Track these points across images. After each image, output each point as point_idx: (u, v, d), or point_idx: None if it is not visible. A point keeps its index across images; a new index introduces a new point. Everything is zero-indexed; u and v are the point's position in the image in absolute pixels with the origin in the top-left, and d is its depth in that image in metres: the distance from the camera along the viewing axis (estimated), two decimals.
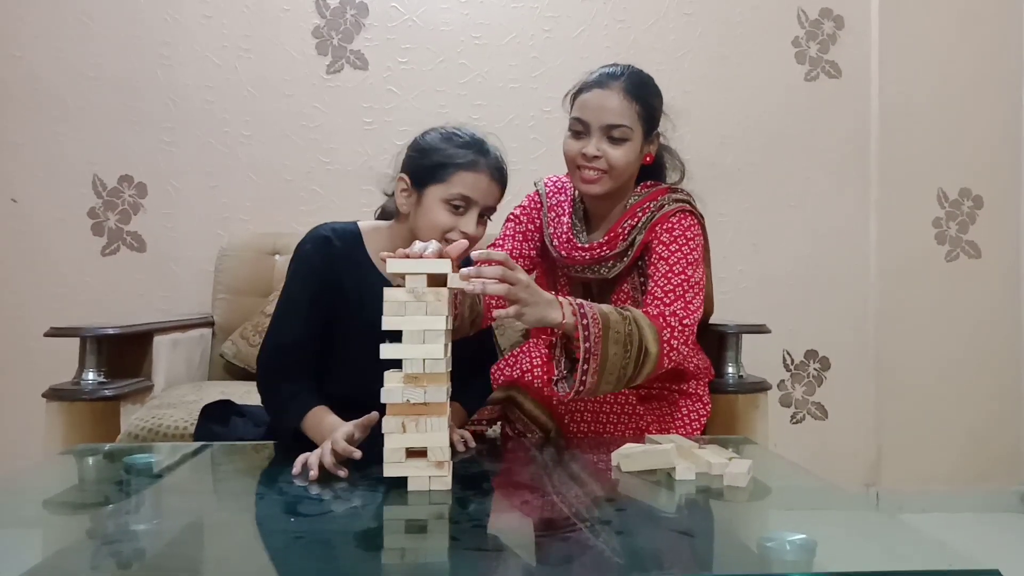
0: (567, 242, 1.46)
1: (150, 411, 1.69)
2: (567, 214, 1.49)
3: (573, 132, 1.40)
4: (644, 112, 1.38)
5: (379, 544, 0.86)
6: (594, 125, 1.36)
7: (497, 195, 1.30)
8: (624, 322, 1.23)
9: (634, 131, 1.37)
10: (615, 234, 1.42)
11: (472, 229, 1.26)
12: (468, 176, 1.26)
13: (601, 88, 1.37)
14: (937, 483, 2.62)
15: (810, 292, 2.61)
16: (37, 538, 0.90)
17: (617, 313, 1.24)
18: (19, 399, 2.31)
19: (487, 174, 1.27)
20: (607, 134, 1.36)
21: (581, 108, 1.38)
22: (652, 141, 1.44)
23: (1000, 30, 2.63)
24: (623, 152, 1.36)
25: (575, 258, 1.45)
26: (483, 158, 1.28)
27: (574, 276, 1.51)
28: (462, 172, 1.26)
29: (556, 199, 1.52)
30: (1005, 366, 2.65)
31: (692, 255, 1.39)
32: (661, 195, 1.44)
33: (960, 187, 2.64)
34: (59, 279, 2.41)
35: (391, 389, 0.97)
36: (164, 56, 2.42)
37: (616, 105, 1.36)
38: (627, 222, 1.42)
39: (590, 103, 1.37)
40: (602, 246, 1.43)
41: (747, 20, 2.57)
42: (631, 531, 0.87)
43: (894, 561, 0.80)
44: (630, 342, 1.22)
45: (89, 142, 2.41)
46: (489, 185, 1.28)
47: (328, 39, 2.47)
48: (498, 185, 1.30)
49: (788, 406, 2.63)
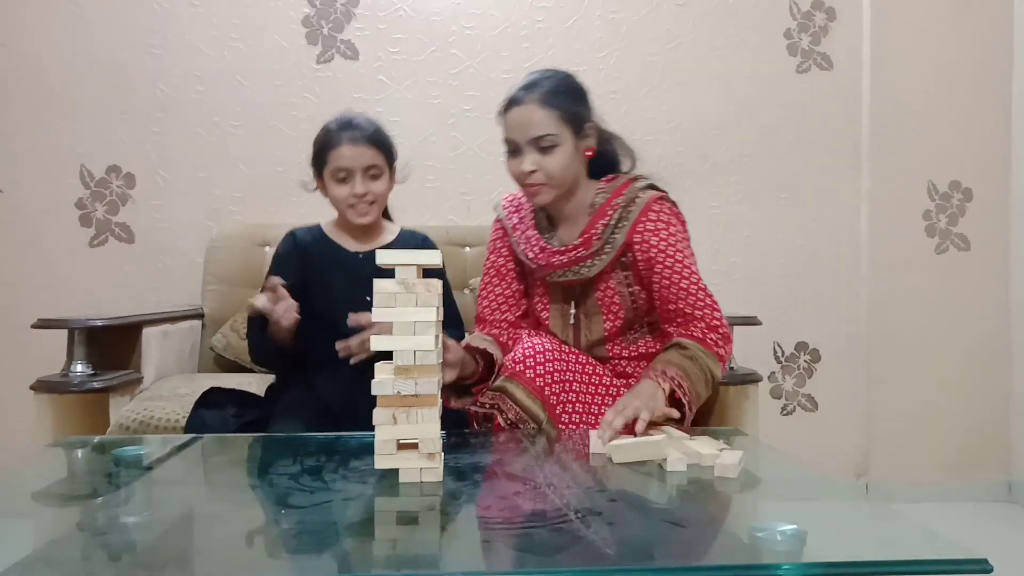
0: (541, 251, 1.49)
1: (141, 403, 1.68)
2: (531, 227, 1.53)
3: (509, 152, 1.43)
4: (566, 114, 1.39)
5: (370, 535, 0.86)
6: (522, 142, 1.39)
7: (368, 154, 1.53)
8: (694, 364, 1.36)
9: (561, 135, 1.38)
10: (589, 235, 1.44)
11: (360, 189, 1.53)
12: (335, 152, 1.53)
13: (519, 104, 1.39)
14: (926, 474, 2.64)
15: (801, 284, 2.62)
16: (26, 530, 0.90)
17: (689, 360, 1.36)
18: (7, 391, 2.30)
19: (348, 143, 1.53)
20: (536, 146, 1.38)
21: (508, 127, 1.42)
22: (586, 135, 1.44)
23: (991, 23, 2.63)
24: (558, 159, 1.38)
25: (553, 264, 1.47)
26: (342, 132, 1.53)
27: (555, 281, 1.51)
28: (331, 151, 1.54)
29: (517, 218, 1.56)
30: (994, 358, 2.67)
31: (686, 248, 1.44)
32: (626, 188, 1.45)
33: (950, 180, 2.66)
34: (47, 270, 2.39)
35: (382, 381, 0.97)
36: (153, 45, 2.40)
37: (537, 118, 1.37)
38: (600, 222, 1.43)
39: (513, 121, 1.40)
40: (577, 248, 1.44)
41: (739, 12, 2.57)
42: (622, 522, 0.87)
43: (884, 550, 0.81)
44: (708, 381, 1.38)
45: (77, 132, 2.39)
46: (353, 150, 1.52)
47: (318, 28, 2.45)
48: (362, 146, 1.53)
49: (779, 398, 2.64)
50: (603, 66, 2.52)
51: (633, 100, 2.52)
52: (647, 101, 2.53)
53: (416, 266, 0.99)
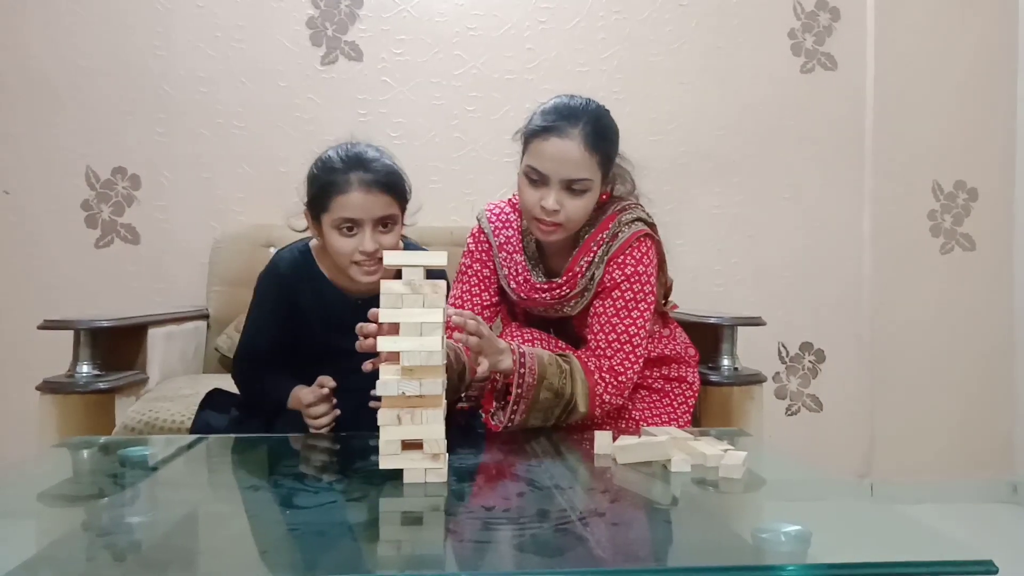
0: (525, 283, 1.43)
1: (146, 404, 1.69)
2: (519, 251, 1.45)
3: (530, 180, 1.31)
4: (603, 159, 1.32)
5: (375, 536, 0.86)
6: (553, 178, 1.29)
7: (382, 203, 1.30)
8: (560, 375, 1.27)
9: (594, 181, 1.31)
10: (573, 272, 1.38)
11: (369, 247, 1.29)
12: (343, 199, 1.28)
13: (560, 138, 1.27)
14: (930, 474, 2.63)
15: (805, 284, 2.61)
16: (32, 530, 0.90)
17: (556, 365, 1.27)
18: (13, 392, 2.30)
19: (361, 191, 1.28)
20: (567, 187, 1.29)
21: (539, 157, 1.29)
22: (609, 181, 1.38)
23: (996, 21, 2.62)
24: (583, 203, 1.31)
25: (536, 300, 1.43)
26: (353, 174, 1.28)
27: (534, 315, 1.49)
28: (338, 197, 1.28)
29: (504, 235, 1.46)
30: (999, 358, 2.66)
31: (642, 292, 1.36)
32: (612, 221, 1.39)
33: (955, 179, 2.65)
34: (53, 271, 2.40)
35: (387, 382, 0.97)
36: (157, 47, 2.41)
37: (577, 158, 1.27)
38: (584, 259, 1.38)
39: (548, 154, 1.28)
40: (561, 286, 1.39)
41: (743, 11, 2.57)
42: (626, 522, 0.87)
43: (889, 551, 0.80)
44: (561, 393, 1.27)
45: (82, 133, 2.40)
46: (365, 199, 1.28)
47: (322, 30, 2.46)
48: (378, 194, 1.29)
49: (783, 398, 2.63)
50: (606, 67, 2.52)
51: (636, 101, 2.52)
52: (650, 102, 2.53)
53: (423, 267, 0.99)
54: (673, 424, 1.45)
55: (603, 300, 1.36)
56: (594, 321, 1.37)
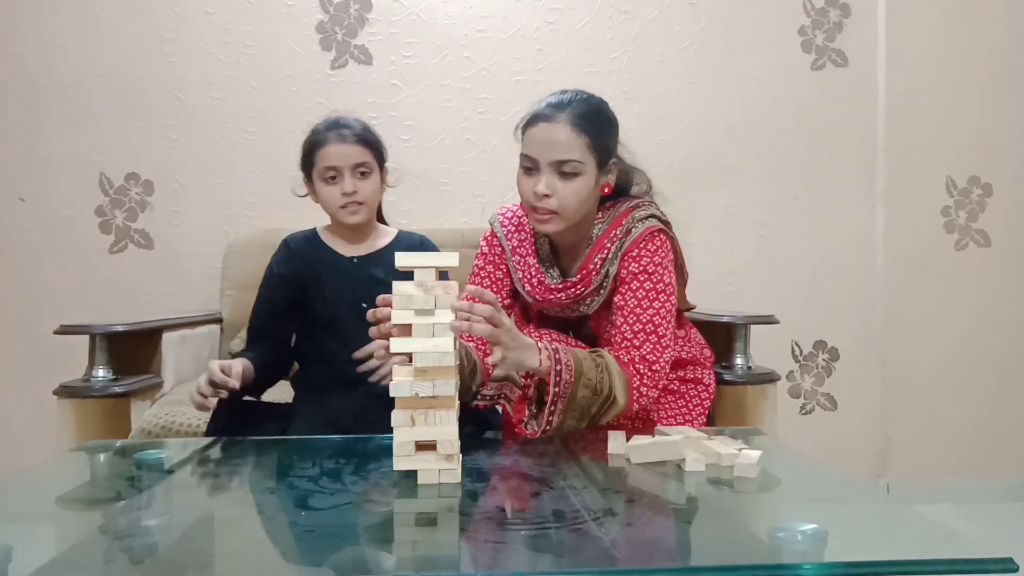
0: (539, 284, 1.42)
1: (162, 408, 1.70)
2: (531, 254, 1.44)
3: (524, 169, 1.33)
4: (595, 143, 1.30)
5: (390, 537, 0.87)
6: (543, 161, 1.29)
7: (357, 152, 1.53)
8: (596, 370, 1.24)
9: (586, 164, 1.29)
10: (587, 270, 1.37)
11: (349, 187, 1.52)
12: (323, 152, 1.53)
13: (548, 121, 1.29)
14: (946, 473, 2.61)
15: (818, 283, 2.60)
16: (50, 534, 0.91)
17: (591, 360, 1.25)
18: (30, 396, 2.33)
19: (337, 142, 1.53)
20: (557, 170, 1.29)
21: (529, 143, 1.31)
22: (608, 171, 1.36)
23: (1008, 16, 2.60)
24: (575, 188, 1.29)
25: (551, 300, 1.41)
26: (331, 132, 1.54)
27: (551, 316, 1.48)
28: (318, 150, 1.54)
29: (517, 239, 1.46)
30: (1014, 355, 2.64)
31: (661, 282, 1.34)
32: (625, 218, 1.38)
33: (969, 175, 2.63)
34: (68, 277, 2.42)
35: (400, 383, 0.97)
36: (168, 53, 2.43)
37: (564, 138, 1.28)
38: (597, 256, 1.37)
39: (537, 138, 1.30)
40: (576, 284, 1.38)
41: (752, 9, 2.55)
42: (640, 522, 0.87)
43: (906, 550, 0.80)
44: (599, 390, 1.24)
45: (95, 140, 2.42)
46: (339, 148, 1.52)
47: (332, 34, 2.47)
48: (351, 144, 1.53)
49: (797, 397, 2.62)
50: (615, 67, 2.52)
51: (645, 101, 2.51)
52: (660, 102, 2.53)
53: (435, 268, 0.99)
54: (688, 426, 1.44)
55: (623, 292, 1.34)
56: (618, 314, 1.35)
